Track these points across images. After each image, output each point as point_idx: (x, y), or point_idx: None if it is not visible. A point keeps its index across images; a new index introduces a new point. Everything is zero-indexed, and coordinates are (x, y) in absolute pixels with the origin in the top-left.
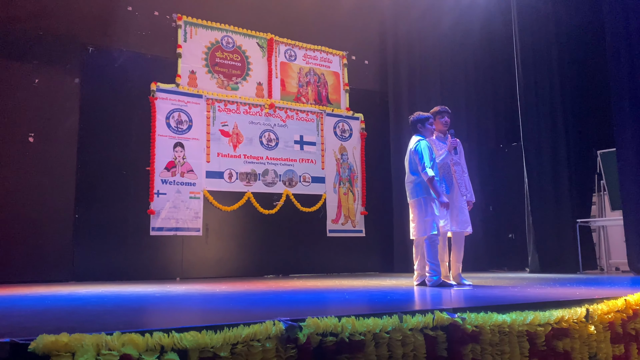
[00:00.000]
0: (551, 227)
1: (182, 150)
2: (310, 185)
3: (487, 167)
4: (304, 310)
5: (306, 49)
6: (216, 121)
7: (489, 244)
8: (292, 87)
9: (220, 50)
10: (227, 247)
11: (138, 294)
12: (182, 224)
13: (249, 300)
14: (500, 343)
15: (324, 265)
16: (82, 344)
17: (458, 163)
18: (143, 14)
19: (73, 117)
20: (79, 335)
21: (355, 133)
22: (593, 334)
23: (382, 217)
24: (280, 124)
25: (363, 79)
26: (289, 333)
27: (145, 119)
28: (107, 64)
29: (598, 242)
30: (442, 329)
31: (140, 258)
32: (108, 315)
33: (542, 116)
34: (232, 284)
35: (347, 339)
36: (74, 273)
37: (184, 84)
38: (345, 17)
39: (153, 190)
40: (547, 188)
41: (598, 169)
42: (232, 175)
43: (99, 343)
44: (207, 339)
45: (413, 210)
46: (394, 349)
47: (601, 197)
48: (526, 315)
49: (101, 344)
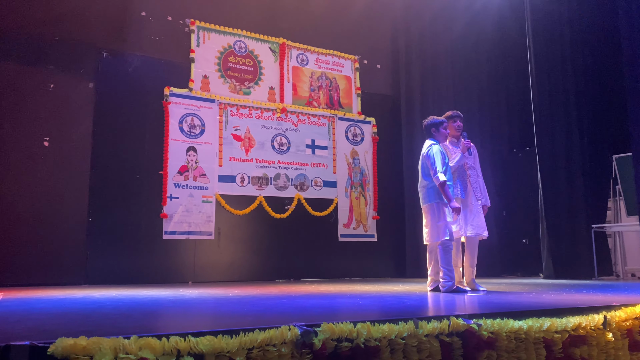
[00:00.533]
0: (566, 233)
1: (194, 154)
2: (322, 189)
3: (500, 172)
4: (319, 315)
5: (318, 54)
6: (228, 125)
7: (502, 249)
8: (304, 91)
9: (233, 55)
10: (239, 251)
11: (152, 297)
12: (195, 228)
13: (262, 305)
14: (517, 350)
15: (335, 270)
16: (100, 348)
17: (472, 167)
18: (157, 19)
19: (87, 121)
20: (97, 339)
21: (367, 137)
22: (611, 341)
23: (394, 222)
24: (292, 128)
25: (375, 83)
26: (305, 338)
27: (159, 123)
28: (121, 69)
29: (614, 248)
30: (458, 335)
31: (153, 262)
32: (124, 319)
33: (556, 120)
34: (244, 288)
35: (362, 344)
36: (87, 277)
37: (196, 89)
38: (356, 21)
39: (166, 194)
40: (561, 193)
41: (613, 174)
42: (244, 179)
43: (117, 347)
44: (223, 343)
45: (426, 215)
46: (409, 355)
47: (617, 203)
48: (542, 321)
49: (119, 347)
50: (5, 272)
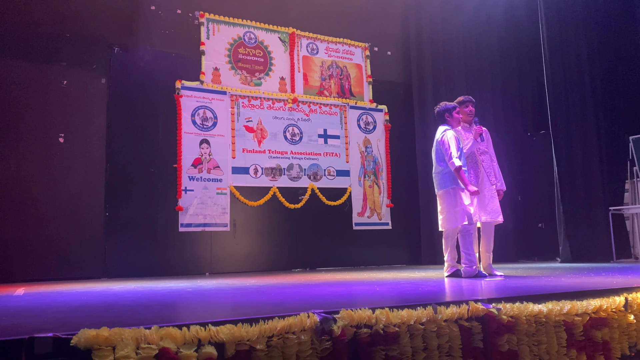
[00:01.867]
0: (583, 216)
1: (208, 147)
2: (335, 178)
3: (515, 156)
4: (337, 302)
5: (328, 42)
6: (240, 117)
7: (518, 234)
8: (315, 80)
9: (243, 47)
10: (255, 242)
11: (170, 289)
12: (210, 220)
13: (280, 294)
14: (537, 333)
15: (351, 258)
16: (122, 338)
17: (486, 152)
18: (166, 12)
19: (101, 116)
20: (118, 330)
21: (379, 125)
22: (632, 323)
23: (409, 209)
24: (304, 118)
25: (386, 70)
26: (324, 325)
27: (171, 116)
28: (132, 64)
29: (632, 230)
30: (477, 320)
31: (170, 254)
32: (144, 310)
33: (571, 102)
34: (261, 278)
35: (381, 330)
36: (105, 270)
37: (208, 81)
38: (366, 8)
39: (181, 187)
40: (577, 176)
41: (630, 155)
42: (257, 171)
43: (138, 337)
44: (243, 332)
45: (442, 202)
46: (429, 340)
47: (634, 184)
48: (563, 304)
49: (140, 337)
50: (26, 268)
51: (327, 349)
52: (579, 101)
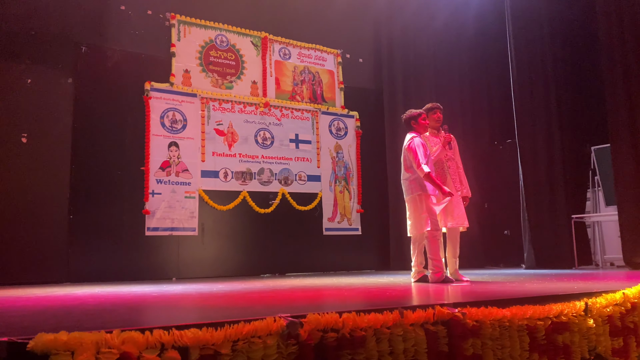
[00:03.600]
0: (546, 223)
1: (176, 149)
2: (306, 183)
3: (482, 164)
4: (304, 306)
5: (300, 48)
6: (211, 120)
7: (484, 240)
8: (287, 85)
9: (215, 49)
10: (223, 247)
11: (135, 293)
12: (178, 224)
13: (248, 298)
14: (501, 337)
15: (320, 263)
16: (81, 343)
17: (452, 159)
18: (136, 13)
19: (67, 117)
20: (78, 334)
21: (351, 131)
22: (592, 327)
23: (378, 215)
24: (276, 123)
25: (358, 77)
26: (290, 329)
27: (140, 118)
28: (100, 64)
29: (593, 238)
30: (443, 324)
31: (136, 258)
32: (106, 314)
33: (537, 113)
34: (229, 283)
35: (348, 334)
36: (69, 274)
37: (178, 83)
38: (339, 16)
39: (148, 190)
40: (542, 184)
41: (592, 165)
42: (227, 175)
43: (99, 341)
44: (207, 336)
45: (409, 207)
46: (395, 344)
47: (595, 193)
48: (526, 309)
49: (101, 342)
50: None
51: (293, 353)
52: (544, 112)
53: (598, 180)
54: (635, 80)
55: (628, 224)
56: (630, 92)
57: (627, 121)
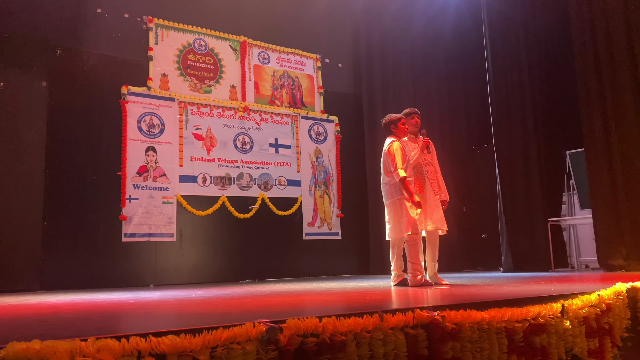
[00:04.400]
0: (523, 227)
1: (154, 154)
2: (286, 188)
3: (459, 168)
4: (284, 312)
5: (280, 52)
6: (189, 125)
7: (462, 244)
8: (266, 90)
9: (193, 53)
10: (202, 253)
11: (111, 300)
12: (155, 230)
13: (227, 304)
14: (480, 340)
15: (300, 268)
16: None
17: (430, 163)
18: (113, 16)
19: (40, 121)
20: (51, 342)
21: (330, 136)
22: (569, 328)
23: (358, 219)
24: (255, 127)
25: (337, 81)
26: (270, 335)
27: (116, 123)
28: (76, 67)
29: (568, 241)
30: (423, 327)
31: (113, 265)
32: (81, 322)
33: (513, 118)
34: (208, 289)
35: (328, 339)
36: (43, 282)
37: (155, 87)
38: (318, 21)
39: (125, 195)
40: (518, 188)
41: (567, 169)
42: (206, 180)
43: (73, 349)
44: (185, 342)
45: (389, 212)
46: (375, 348)
47: (571, 197)
48: (504, 311)
49: (75, 350)
50: None
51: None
52: (520, 118)
53: (573, 184)
54: (608, 87)
55: (602, 226)
56: (604, 98)
57: (600, 126)
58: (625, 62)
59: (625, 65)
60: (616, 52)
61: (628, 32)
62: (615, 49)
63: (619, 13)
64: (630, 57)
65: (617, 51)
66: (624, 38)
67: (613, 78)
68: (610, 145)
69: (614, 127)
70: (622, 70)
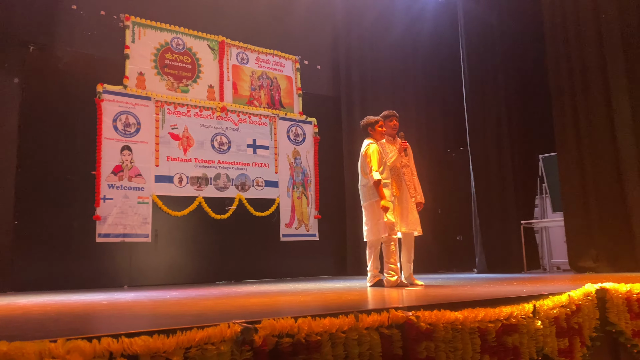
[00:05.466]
0: (497, 229)
1: (129, 153)
2: (264, 189)
3: (435, 171)
4: (260, 312)
5: (258, 53)
6: (165, 124)
7: (437, 245)
8: (245, 90)
9: (170, 52)
10: (178, 254)
11: (83, 301)
12: (130, 230)
13: (202, 305)
14: (453, 340)
15: (277, 270)
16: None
17: (407, 165)
18: (89, 13)
19: (12, 118)
20: (19, 344)
21: (309, 137)
22: (540, 328)
23: (336, 221)
24: (233, 128)
25: (316, 83)
26: (245, 335)
27: (91, 121)
28: (50, 64)
29: (541, 243)
30: (397, 327)
31: (86, 266)
32: (51, 323)
33: (488, 122)
34: (183, 290)
35: (303, 339)
36: (13, 283)
37: (131, 86)
38: (298, 22)
39: (99, 195)
40: (492, 191)
41: (540, 173)
42: (182, 180)
43: (42, 351)
44: (159, 343)
45: (367, 213)
46: (350, 348)
47: (543, 200)
48: (477, 312)
49: (44, 351)
50: None
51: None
52: (495, 122)
53: (546, 188)
54: (579, 93)
55: (573, 229)
56: (575, 104)
57: (572, 131)
58: (596, 68)
59: (597, 71)
60: (587, 59)
61: (599, 39)
62: (587, 56)
63: (590, 20)
64: (601, 64)
65: (589, 58)
66: (596, 45)
67: (585, 84)
68: (582, 150)
69: (586, 132)
70: (593, 76)
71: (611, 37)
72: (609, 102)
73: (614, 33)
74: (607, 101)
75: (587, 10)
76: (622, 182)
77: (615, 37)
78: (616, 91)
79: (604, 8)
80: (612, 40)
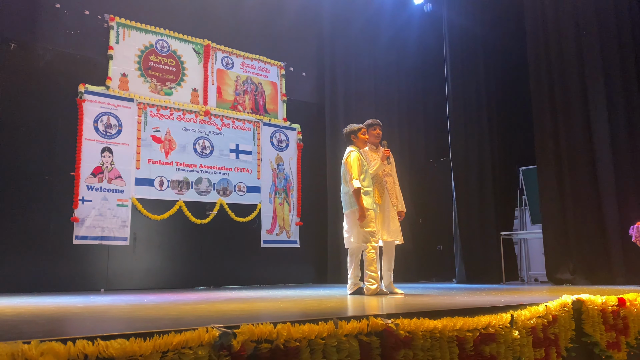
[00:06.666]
0: (477, 240)
1: (110, 155)
2: (246, 194)
3: (417, 180)
4: (238, 317)
5: (244, 58)
6: (148, 126)
7: (418, 255)
8: (229, 94)
9: (155, 54)
10: (156, 258)
11: (59, 304)
12: (109, 233)
13: (180, 309)
14: (432, 348)
15: (257, 276)
16: None
17: (389, 174)
18: (72, 12)
19: None
20: None
21: (292, 143)
22: (517, 338)
23: (317, 228)
24: (216, 132)
25: (300, 90)
26: (223, 340)
27: (71, 121)
28: (30, 62)
29: (519, 254)
30: (376, 335)
31: (62, 268)
32: (25, 325)
33: (470, 133)
34: (161, 294)
35: (282, 345)
36: None
37: (114, 87)
38: (284, 29)
39: (77, 196)
40: (473, 202)
41: (520, 185)
42: (163, 183)
43: (14, 352)
44: (135, 346)
45: (348, 221)
46: (329, 355)
47: (523, 212)
48: (456, 321)
49: (17, 353)
50: None
51: None
52: (477, 133)
53: (525, 200)
54: (560, 107)
55: (551, 242)
56: (555, 118)
57: (552, 145)
58: (576, 82)
59: (576, 85)
60: (568, 75)
61: (580, 57)
62: (567, 72)
63: (572, 37)
64: (581, 77)
65: (569, 74)
66: (577, 63)
67: (565, 99)
68: (561, 164)
69: (565, 146)
70: (574, 92)
71: (592, 55)
72: (588, 118)
73: (594, 50)
74: (585, 116)
75: (569, 27)
76: (599, 196)
77: (595, 55)
78: (595, 107)
79: (584, 26)
80: (592, 57)
